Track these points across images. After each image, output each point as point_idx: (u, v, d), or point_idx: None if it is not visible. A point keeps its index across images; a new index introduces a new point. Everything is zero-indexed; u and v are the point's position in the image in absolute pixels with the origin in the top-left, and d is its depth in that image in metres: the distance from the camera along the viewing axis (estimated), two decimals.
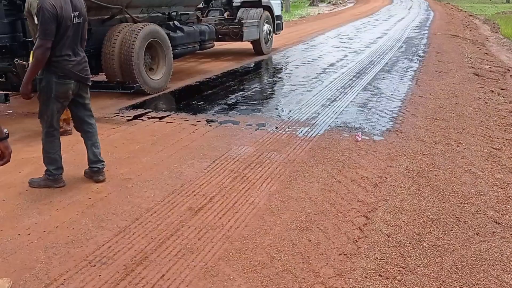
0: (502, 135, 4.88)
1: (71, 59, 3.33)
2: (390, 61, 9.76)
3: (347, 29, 17.69)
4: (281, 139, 4.77)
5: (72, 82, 3.37)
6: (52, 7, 3.12)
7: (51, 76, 3.30)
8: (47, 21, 3.13)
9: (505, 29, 16.98)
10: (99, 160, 3.68)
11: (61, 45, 3.25)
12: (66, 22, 3.21)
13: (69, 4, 3.25)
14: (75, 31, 3.33)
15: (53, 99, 3.35)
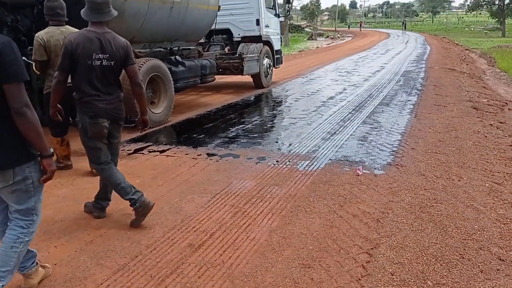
0: (503, 169, 4.87)
1: (101, 99, 3.30)
2: (389, 94, 9.87)
3: (346, 63, 17.98)
4: (282, 173, 4.76)
5: (104, 121, 3.33)
6: (69, 43, 3.19)
7: (84, 117, 3.31)
8: (62, 55, 3.24)
9: (502, 62, 17.26)
10: (107, 199, 3.66)
11: (88, 85, 3.25)
12: (84, 61, 3.20)
13: (94, 45, 3.21)
14: (103, 72, 3.28)
15: (89, 138, 3.36)
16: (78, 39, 3.20)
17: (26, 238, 2.39)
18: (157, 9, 6.96)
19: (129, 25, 6.60)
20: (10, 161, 2.20)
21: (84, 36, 3.22)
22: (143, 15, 6.74)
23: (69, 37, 3.25)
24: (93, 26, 3.28)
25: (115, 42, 3.29)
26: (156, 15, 7.01)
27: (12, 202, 2.33)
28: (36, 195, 2.36)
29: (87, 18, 3.28)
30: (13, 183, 2.23)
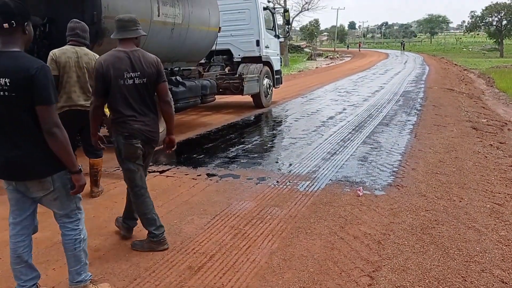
0: (504, 190, 4.86)
1: (137, 119, 3.25)
2: (389, 114, 9.91)
3: (345, 83, 18.11)
4: (282, 193, 4.74)
5: (139, 142, 3.29)
6: (99, 65, 3.17)
7: (119, 138, 3.28)
8: (95, 79, 3.22)
9: (500, 83, 17.39)
10: (135, 219, 3.61)
11: (123, 105, 3.21)
12: (116, 81, 3.17)
13: (125, 63, 3.19)
14: (136, 91, 3.24)
15: (124, 159, 3.32)
16: (107, 60, 3.17)
17: (81, 235, 2.59)
18: (158, 31, 7.04)
19: None
20: (48, 169, 2.36)
21: (113, 56, 3.20)
22: (144, 36, 6.80)
23: (98, 60, 3.24)
24: (121, 45, 3.25)
25: (145, 59, 3.26)
26: (157, 37, 7.09)
27: (57, 208, 2.50)
28: (76, 197, 2.54)
29: (115, 37, 3.28)
30: (54, 190, 2.39)
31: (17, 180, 2.38)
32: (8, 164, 2.33)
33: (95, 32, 5.93)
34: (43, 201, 2.46)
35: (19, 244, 2.51)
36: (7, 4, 2.26)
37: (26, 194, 2.41)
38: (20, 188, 2.40)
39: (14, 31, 2.27)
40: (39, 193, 2.40)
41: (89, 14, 5.88)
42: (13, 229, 2.51)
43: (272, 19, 12.22)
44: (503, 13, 48.58)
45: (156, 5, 6.92)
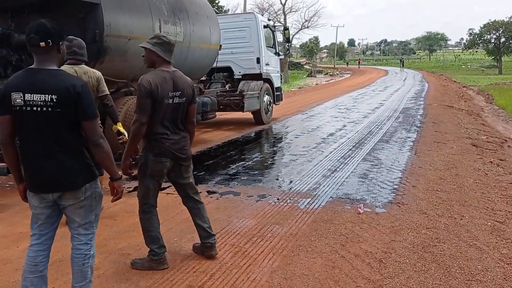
0: (505, 207, 4.85)
1: (168, 138, 3.30)
2: (389, 131, 9.94)
3: (345, 100, 18.20)
4: (283, 211, 4.73)
5: (168, 161, 3.32)
6: (148, 83, 3.18)
7: (148, 154, 3.31)
8: (143, 97, 3.19)
9: (499, 99, 17.47)
10: (211, 235, 3.59)
11: (158, 123, 3.26)
12: (162, 100, 3.21)
13: (169, 84, 3.25)
14: (174, 110, 3.31)
15: (148, 176, 3.34)
16: (155, 79, 3.21)
17: (92, 251, 2.63)
18: None
19: (132, 64, 6.73)
20: (84, 180, 2.49)
21: (159, 76, 3.25)
22: None
23: (145, 78, 3.22)
24: (164, 66, 3.31)
25: (184, 80, 3.37)
26: None
27: (78, 217, 2.55)
28: (97, 208, 2.63)
29: (166, 58, 3.30)
30: (84, 199, 2.49)
31: (56, 192, 2.46)
32: (50, 178, 2.42)
33: (97, 50, 6.00)
34: (67, 209, 2.52)
35: (40, 253, 2.56)
36: (44, 24, 2.39)
37: (58, 202, 2.50)
38: (55, 198, 2.48)
39: (50, 49, 2.40)
40: (68, 201, 2.48)
41: (91, 32, 5.96)
42: (38, 239, 2.56)
43: (272, 36, 12.35)
44: (501, 31, 49.05)
45: (158, 24, 7.01)
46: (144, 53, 3.33)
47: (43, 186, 2.46)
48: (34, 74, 2.38)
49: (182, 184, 3.54)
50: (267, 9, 36.80)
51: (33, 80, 2.35)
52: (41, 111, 2.33)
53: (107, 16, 5.98)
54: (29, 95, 2.32)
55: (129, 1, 6.54)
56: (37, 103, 2.32)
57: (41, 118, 2.34)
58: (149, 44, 3.27)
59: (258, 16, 11.77)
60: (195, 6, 8.40)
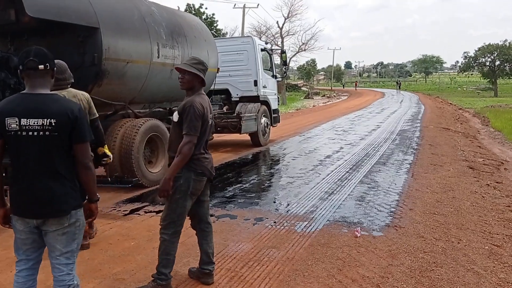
0: (502, 231, 4.83)
1: (206, 156, 3.44)
2: (385, 153, 9.96)
3: (342, 122, 18.29)
4: (280, 234, 4.70)
5: (205, 179, 3.43)
6: (201, 106, 3.28)
7: (190, 174, 3.33)
8: (197, 118, 3.23)
9: (495, 122, 17.57)
10: (211, 262, 3.59)
11: (200, 143, 3.37)
12: (207, 121, 3.37)
13: (209, 106, 3.43)
14: (209, 131, 3.48)
15: (188, 196, 3.36)
16: (203, 102, 3.34)
17: (75, 281, 2.55)
18: (157, 72, 7.18)
19: (130, 86, 6.79)
20: (71, 206, 2.46)
21: (204, 100, 3.39)
22: (144, 77, 6.94)
23: (197, 101, 3.27)
24: (202, 90, 3.45)
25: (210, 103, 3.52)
26: (157, 77, 7.22)
27: (60, 244, 2.48)
28: (79, 237, 2.56)
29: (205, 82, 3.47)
30: (68, 225, 2.45)
31: (45, 218, 2.42)
32: (40, 203, 2.40)
33: (95, 73, 6.06)
34: (49, 236, 2.46)
35: (30, 278, 2.54)
36: (41, 48, 2.47)
37: (41, 227, 2.45)
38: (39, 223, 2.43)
39: (46, 74, 2.44)
40: (52, 227, 2.44)
41: (90, 56, 6.02)
42: (25, 264, 2.53)
43: (269, 59, 12.50)
44: (495, 54, 49.75)
45: (156, 47, 7.09)
46: (181, 75, 3.39)
47: (31, 210, 2.42)
48: (30, 99, 2.38)
49: (204, 202, 3.58)
50: (265, 32, 37.27)
51: (30, 105, 2.36)
52: (38, 136, 2.34)
53: (106, 40, 6.06)
54: (25, 120, 2.32)
55: (128, 25, 6.63)
56: (34, 128, 2.33)
57: (36, 142, 2.35)
58: (195, 69, 3.34)
59: (255, 39, 11.93)
60: (193, 30, 8.51)
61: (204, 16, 31.25)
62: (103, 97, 6.23)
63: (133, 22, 6.74)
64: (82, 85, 5.77)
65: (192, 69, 3.32)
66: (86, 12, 5.92)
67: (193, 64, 3.35)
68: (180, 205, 3.34)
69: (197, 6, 31.49)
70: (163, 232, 3.38)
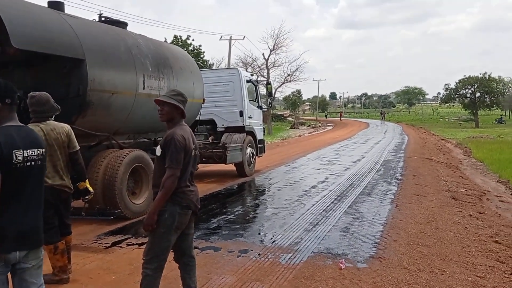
0: (485, 261, 4.86)
1: (191, 189, 3.40)
2: (370, 184, 10.02)
3: (327, 152, 18.42)
4: (264, 267, 4.65)
5: (190, 213, 3.38)
6: (182, 138, 3.27)
7: (175, 207, 3.28)
8: (178, 151, 3.22)
9: (477, 152, 17.88)
10: None
11: (185, 176, 3.33)
12: (190, 153, 3.35)
13: (192, 138, 3.42)
14: (194, 163, 3.45)
15: (173, 230, 3.30)
16: (185, 134, 3.32)
17: None
18: (143, 103, 7.21)
19: (115, 117, 6.79)
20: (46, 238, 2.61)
21: (186, 131, 3.38)
22: (129, 108, 6.96)
23: (178, 133, 3.26)
24: (182, 121, 3.43)
25: (193, 134, 3.50)
26: (142, 108, 7.24)
27: (37, 278, 2.49)
28: None
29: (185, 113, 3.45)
30: (42, 257, 2.51)
31: (34, 248, 2.45)
32: (31, 233, 2.44)
33: (79, 104, 6.05)
34: (27, 272, 2.44)
35: None
36: (8, 83, 2.50)
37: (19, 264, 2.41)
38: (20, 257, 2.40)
39: (14, 106, 2.49)
40: (32, 262, 2.45)
41: (74, 87, 6.02)
42: None
43: (255, 90, 12.65)
44: (476, 86, 51.02)
45: (142, 79, 7.14)
46: (161, 107, 3.37)
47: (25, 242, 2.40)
48: (22, 130, 2.47)
49: (188, 235, 3.52)
50: (251, 63, 37.86)
51: (24, 136, 2.45)
52: (35, 165, 2.45)
53: (91, 71, 6.09)
54: (26, 151, 2.41)
55: (114, 57, 6.69)
56: (33, 158, 2.44)
57: (32, 172, 2.44)
58: (174, 100, 3.34)
59: (241, 71, 12.10)
60: (179, 61, 8.62)
61: (191, 47, 31.65)
62: (87, 128, 6.21)
63: (119, 54, 6.80)
64: (66, 116, 5.75)
65: (171, 100, 3.32)
66: (72, 44, 5.96)
67: (172, 96, 3.36)
68: (164, 239, 3.29)
69: (184, 38, 31.91)
70: (146, 266, 3.31)
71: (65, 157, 4.20)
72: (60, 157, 4.14)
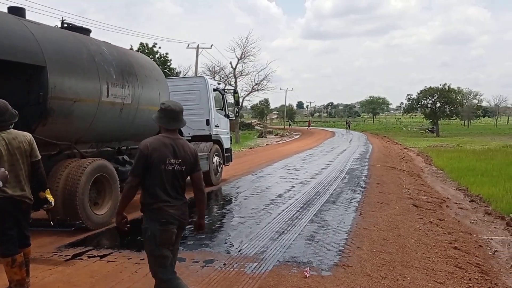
0: (444, 267, 5.00)
1: (171, 204, 3.28)
2: (335, 192, 10.17)
3: (294, 160, 18.58)
4: (229, 277, 4.62)
5: (174, 228, 3.30)
6: (145, 148, 3.22)
7: (153, 224, 3.23)
8: (138, 161, 3.24)
9: (437, 161, 18.47)
10: None
11: (160, 190, 3.24)
12: (159, 165, 3.23)
13: (168, 149, 3.28)
14: (175, 177, 3.31)
15: (158, 247, 3.24)
16: (153, 144, 3.26)
17: None
18: (106, 111, 7.07)
19: (76, 126, 6.63)
20: None
21: (159, 141, 3.29)
22: (92, 116, 6.81)
23: (144, 142, 3.28)
24: (167, 133, 3.36)
25: (186, 148, 3.39)
26: (106, 116, 7.11)
27: None
28: None
29: (164, 125, 3.36)
30: None
31: None
32: None
33: (40, 112, 5.89)
34: None
35: None
36: None
37: None
38: None
39: None
40: None
41: (35, 94, 5.86)
42: None
43: (222, 99, 12.66)
44: (436, 96, 52.84)
45: (105, 86, 7.01)
46: None
47: None
48: None
49: (175, 250, 3.48)
50: (219, 72, 37.80)
51: None
52: None
53: (53, 78, 5.93)
54: None
55: (76, 64, 6.54)
56: None
57: None
58: (155, 117, 3.40)
59: (208, 79, 12.09)
60: (144, 69, 8.52)
61: (158, 55, 31.38)
62: (48, 136, 6.03)
63: (82, 61, 6.66)
64: (26, 124, 5.59)
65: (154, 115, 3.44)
66: (32, 50, 5.80)
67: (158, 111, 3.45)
68: (155, 254, 3.28)
69: (151, 45, 31.62)
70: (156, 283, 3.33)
71: (28, 166, 4.07)
72: (22, 166, 4.01)
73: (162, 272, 3.30)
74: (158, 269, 3.31)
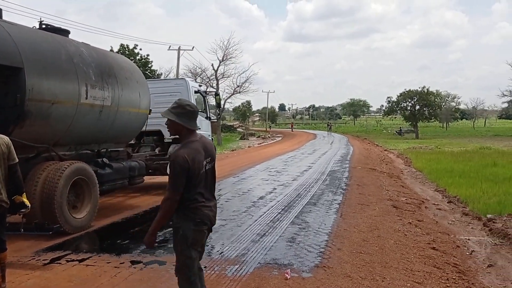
0: (423, 268, 5.08)
1: (207, 204, 3.24)
2: (316, 194, 10.23)
3: (276, 162, 18.63)
4: (210, 280, 4.60)
5: (205, 228, 3.24)
6: (185, 161, 3.07)
7: (188, 224, 3.14)
8: (178, 175, 3.07)
9: (417, 162, 18.75)
10: None
11: (197, 191, 3.17)
12: (199, 171, 3.16)
13: (201, 153, 3.20)
14: (208, 177, 3.28)
15: (190, 247, 3.16)
16: (191, 155, 3.12)
17: None
18: (85, 113, 6.98)
19: (55, 128, 6.53)
20: None
21: (192, 149, 3.17)
22: (70, 118, 6.70)
23: (181, 155, 3.09)
24: (192, 135, 3.26)
25: (209, 144, 3.35)
26: (85, 118, 7.01)
27: None
28: None
29: (187, 125, 3.22)
30: None
31: None
32: None
33: (17, 114, 5.79)
34: None
35: None
36: None
37: None
38: None
39: None
40: None
41: (12, 96, 5.76)
42: None
43: (203, 101, 12.60)
44: (415, 99, 53.68)
45: (84, 88, 6.92)
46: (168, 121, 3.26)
47: None
48: None
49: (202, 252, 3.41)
50: (200, 74, 37.66)
51: None
52: None
53: (30, 80, 5.83)
54: None
55: (55, 66, 6.43)
56: None
57: None
58: (174, 115, 3.20)
59: (189, 81, 12.03)
60: (124, 71, 8.44)
61: (139, 57, 31.16)
62: (25, 139, 5.92)
63: (60, 62, 6.56)
64: (3, 127, 5.49)
65: (172, 116, 3.21)
66: (9, 51, 5.69)
67: (171, 109, 3.24)
68: (183, 256, 3.21)
69: (132, 47, 31.36)
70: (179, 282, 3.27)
71: (4, 169, 4.00)
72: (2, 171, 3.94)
73: (187, 273, 3.24)
74: (184, 269, 3.24)
